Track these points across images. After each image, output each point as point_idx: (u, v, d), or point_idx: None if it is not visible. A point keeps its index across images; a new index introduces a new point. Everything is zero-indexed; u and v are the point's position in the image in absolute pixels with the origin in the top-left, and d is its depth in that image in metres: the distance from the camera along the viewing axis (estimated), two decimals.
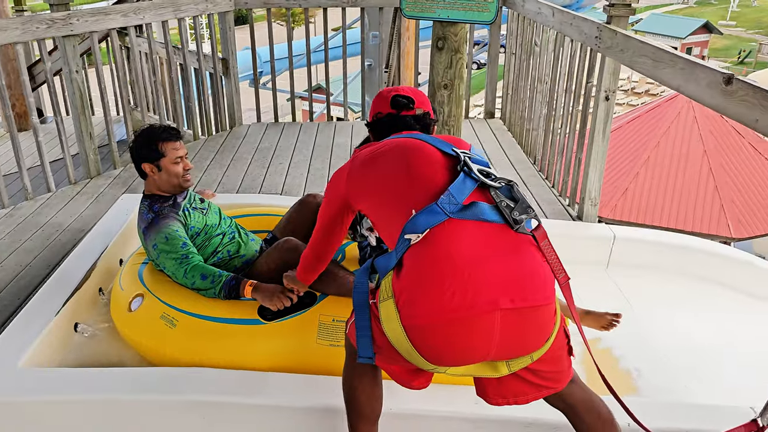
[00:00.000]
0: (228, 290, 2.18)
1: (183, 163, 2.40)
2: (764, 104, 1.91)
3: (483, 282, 1.38)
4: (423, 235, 1.43)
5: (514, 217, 1.46)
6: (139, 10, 3.98)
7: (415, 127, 1.84)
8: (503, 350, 1.41)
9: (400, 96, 1.88)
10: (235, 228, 2.56)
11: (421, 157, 1.58)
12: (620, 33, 2.86)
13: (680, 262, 3.22)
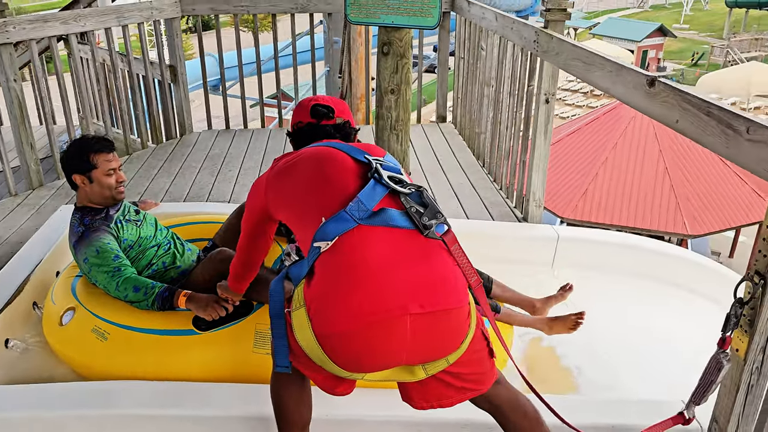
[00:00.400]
0: (161, 302, 2.15)
1: (116, 175, 2.36)
2: (683, 106, 1.96)
3: (392, 288, 1.39)
4: (332, 243, 1.44)
5: (424, 222, 1.48)
6: (80, 17, 3.91)
7: (335, 137, 1.85)
8: (417, 354, 1.43)
9: (320, 105, 1.89)
10: (171, 238, 2.53)
11: (332, 165, 1.59)
12: (555, 37, 2.91)
13: (623, 261, 3.29)
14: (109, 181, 2.34)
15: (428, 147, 4.74)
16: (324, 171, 1.59)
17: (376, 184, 1.52)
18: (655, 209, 13.19)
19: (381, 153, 1.69)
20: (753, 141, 1.67)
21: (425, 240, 1.47)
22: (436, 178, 4.15)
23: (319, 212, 1.51)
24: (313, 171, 1.60)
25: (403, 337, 1.38)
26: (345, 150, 1.64)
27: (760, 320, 1.75)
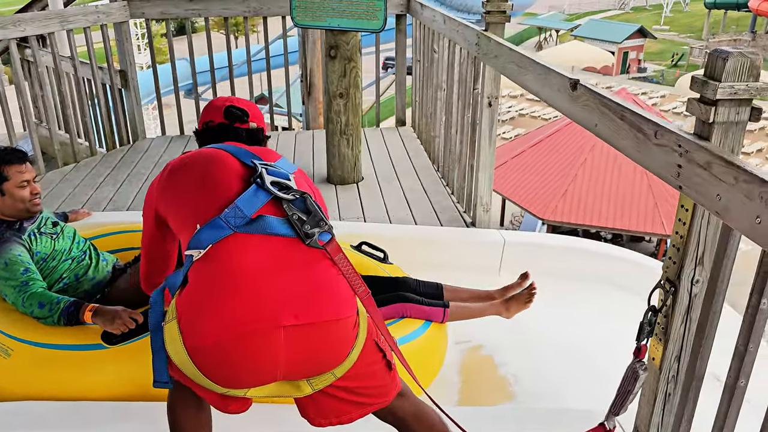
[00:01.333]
0: (67, 317, 2.06)
1: (30, 187, 2.27)
2: (601, 109, 1.92)
3: (265, 298, 1.33)
4: (205, 251, 1.38)
5: (305, 230, 1.42)
6: (20, 22, 3.81)
7: (245, 142, 1.77)
8: (296, 368, 1.37)
9: (235, 107, 1.82)
10: (87, 250, 2.45)
11: (217, 169, 1.53)
12: (494, 40, 2.87)
13: (570, 265, 3.25)
14: (22, 193, 2.25)
15: (384, 151, 4.69)
16: (208, 174, 1.52)
17: (258, 189, 1.46)
18: (634, 209, 13.25)
19: (274, 157, 1.63)
20: (660, 145, 1.63)
21: (306, 249, 1.42)
22: (388, 183, 4.10)
23: (196, 218, 1.45)
24: (197, 174, 1.54)
25: (277, 350, 1.32)
26: (234, 152, 1.57)
27: (673, 328, 1.71)
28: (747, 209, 1.34)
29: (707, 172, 1.46)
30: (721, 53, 1.46)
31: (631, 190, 13.54)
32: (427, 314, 2.43)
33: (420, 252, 3.27)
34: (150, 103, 13.40)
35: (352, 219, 3.61)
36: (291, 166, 1.66)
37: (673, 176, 1.59)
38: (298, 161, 4.48)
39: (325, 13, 3.66)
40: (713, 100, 1.47)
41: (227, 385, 1.37)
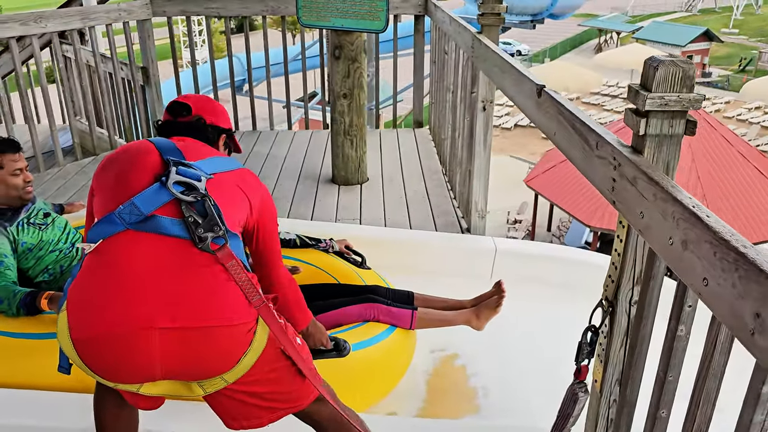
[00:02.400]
0: (26, 307, 2.12)
1: (23, 175, 2.35)
2: (559, 118, 1.85)
3: (144, 298, 1.33)
4: (96, 245, 1.39)
5: (198, 234, 1.40)
6: (41, 18, 3.96)
7: (186, 134, 1.75)
8: (175, 369, 1.36)
9: (176, 102, 1.82)
10: (76, 242, 2.51)
11: (133, 163, 1.52)
12: (483, 43, 2.80)
13: (562, 276, 3.14)
14: (15, 181, 2.32)
15: (396, 153, 4.65)
16: (124, 169, 1.52)
17: (161, 188, 1.45)
18: None
19: (203, 155, 1.61)
20: (600, 157, 1.55)
21: (197, 252, 1.40)
22: (392, 185, 4.06)
23: (101, 212, 1.47)
24: (118, 168, 1.54)
25: (152, 351, 1.32)
26: (160, 147, 1.57)
27: (612, 350, 1.63)
28: (662, 228, 1.26)
29: (634, 188, 1.38)
30: (653, 61, 1.37)
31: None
32: (394, 317, 2.39)
33: (408, 256, 3.23)
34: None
35: (348, 221, 3.59)
36: (222, 165, 1.62)
37: (609, 190, 1.52)
38: (307, 161, 4.50)
39: (330, 13, 3.66)
40: (644, 111, 1.38)
41: (112, 379, 1.38)
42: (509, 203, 17.33)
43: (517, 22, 10.20)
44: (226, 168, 1.64)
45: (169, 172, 1.47)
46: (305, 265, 2.74)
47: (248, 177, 1.69)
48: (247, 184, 1.66)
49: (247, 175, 1.69)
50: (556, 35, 40.74)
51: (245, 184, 1.65)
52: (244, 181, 1.66)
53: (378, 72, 5.23)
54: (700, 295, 1.12)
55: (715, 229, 1.09)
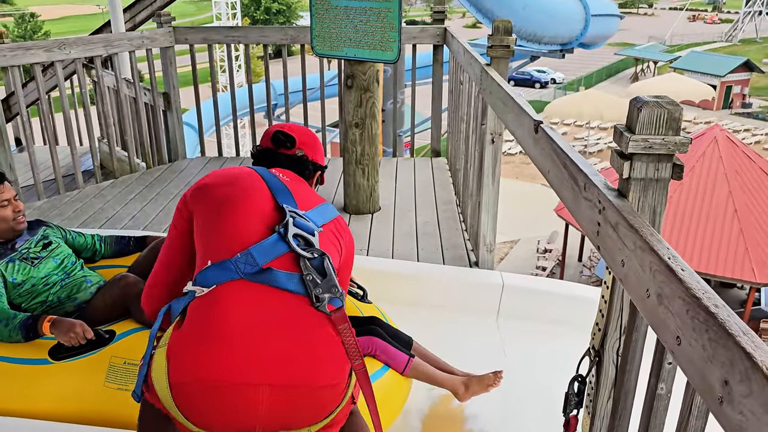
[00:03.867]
0: (25, 330, 2.11)
1: (12, 206, 2.34)
2: (552, 156, 1.79)
3: (257, 353, 1.31)
4: (209, 290, 1.37)
5: (317, 293, 1.39)
6: (65, 45, 4.07)
7: (287, 167, 1.76)
8: (272, 424, 1.34)
9: (282, 133, 1.82)
10: (73, 271, 2.49)
11: (246, 204, 1.51)
12: (489, 75, 2.75)
13: (572, 314, 3.03)
14: (3, 213, 2.31)
15: (411, 182, 4.61)
16: (234, 206, 1.50)
17: (279, 240, 1.43)
18: (722, 253, 12.37)
19: (313, 203, 1.60)
20: (587, 199, 1.49)
21: (312, 312, 1.39)
22: (403, 215, 4.02)
23: (210, 252, 1.45)
24: (225, 202, 1.52)
25: (257, 408, 1.29)
26: (272, 189, 1.55)
27: (599, 402, 1.54)
28: (640, 279, 1.19)
29: (616, 234, 1.32)
30: (637, 102, 1.31)
31: (720, 233, 12.70)
32: (390, 356, 2.33)
33: (413, 290, 3.17)
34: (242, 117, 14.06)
35: (355, 251, 3.54)
36: (327, 214, 1.62)
37: (594, 234, 1.45)
38: (322, 188, 4.48)
39: (342, 43, 3.67)
40: (628, 154, 1.32)
41: (202, 426, 1.35)
42: (540, 232, 17.10)
43: (546, 51, 10.14)
44: (329, 218, 1.64)
45: (287, 223, 1.45)
46: None
47: (341, 225, 1.69)
48: (341, 234, 1.67)
49: (343, 224, 1.70)
50: (592, 64, 40.47)
51: (340, 234, 1.66)
52: (339, 231, 1.66)
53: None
54: (674, 354, 1.05)
55: (687, 284, 1.02)
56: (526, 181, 22.37)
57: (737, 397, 0.85)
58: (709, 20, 61.83)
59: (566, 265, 15.47)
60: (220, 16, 29.64)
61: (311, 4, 3.75)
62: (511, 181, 21.81)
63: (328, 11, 3.68)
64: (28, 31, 42.22)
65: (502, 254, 16.40)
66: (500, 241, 16.71)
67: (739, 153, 13.71)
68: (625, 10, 53.16)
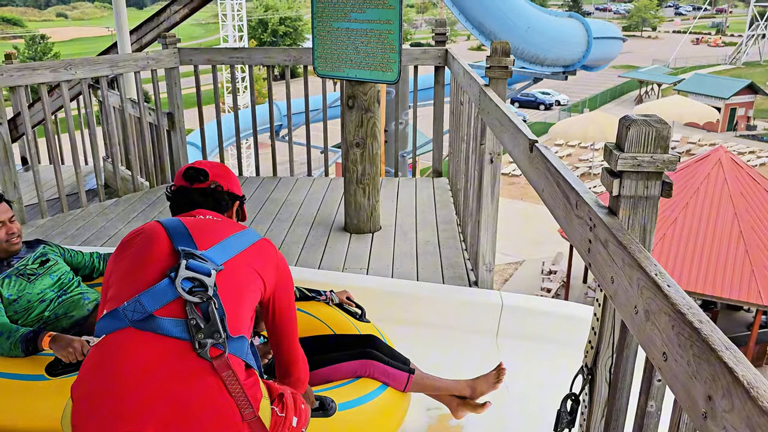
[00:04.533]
0: (25, 344, 2.12)
1: (6, 227, 2.37)
2: (546, 174, 1.80)
3: (136, 401, 1.31)
4: (99, 339, 1.39)
5: (199, 339, 1.37)
6: (71, 65, 4.13)
7: (201, 203, 1.74)
8: None
9: (193, 168, 1.79)
10: (69, 287, 2.50)
11: (145, 251, 1.51)
12: (487, 95, 2.78)
13: (570, 334, 3.02)
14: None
15: (412, 202, 4.63)
16: (134, 258, 1.51)
17: (170, 284, 1.42)
18: (727, 275, 12.30)
19: (219, 237, 1.56)
20: (578, 217, 1.50)
21: (195, 358, 1.37)
22: (403, 234, 4.03)
23: (106, 302, 1.47)
24: (129, 256, 1.53)
25: None
26: (169, 232, 1.54)
27: (593, 420, 1.53)
28: (628, 296, 1.20)
29: (606, 251, 1.32)
30: (626, 120, 1.33)
31: (726, 255, 12.64)
32: (390, 377, 2.31)
33: (412, 308, 3.17)
34: (246, 138, 14.16)
35: (355, 270, 3.56)
36: (236, 246, 1.58)
37: (585, 252, 1.45)
38: (323, 208, 4.51)
39: (343, 63, 3.71)
40: (617, 172, 1.33)
41: None
42: (544, 253, 17.05)
43: (549, 73, 10.22)
44: (241, 247, 1.59)
45: (178, 266, 1.44)
46: (304, 314, 2.70)
47: (265, 250, 1.64)
48: (263, 261, 1.62)
49: (264, 249, 1.64)
50: (596, 86, 40.67)
51: (260, 261, 1.61)
52: (260, 257, 1.62)
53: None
54: (660, 371, 1.05)
55: (673, 300, 1.02)
56: (531, 201, 22.40)
57: (720, 412, 0.85)
58: (713, 43, 62.12)
59: (571, 287, 15.40)
60: (227, 38, 30.00)
61: (313, 26, 3.81)
62: (516, 201, 21.82)
63: (329, 33, 3.73)
64: (38, 52, 42.80)
65: (507, 275, 16.35)
66: (505, 262, 16.66)
67: (744, 175, 13.68)
68: (628, 33, 53.55)
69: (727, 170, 14.11)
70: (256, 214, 4.38)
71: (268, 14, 49.70)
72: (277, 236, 4.01)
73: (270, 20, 49.06)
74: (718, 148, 17.92)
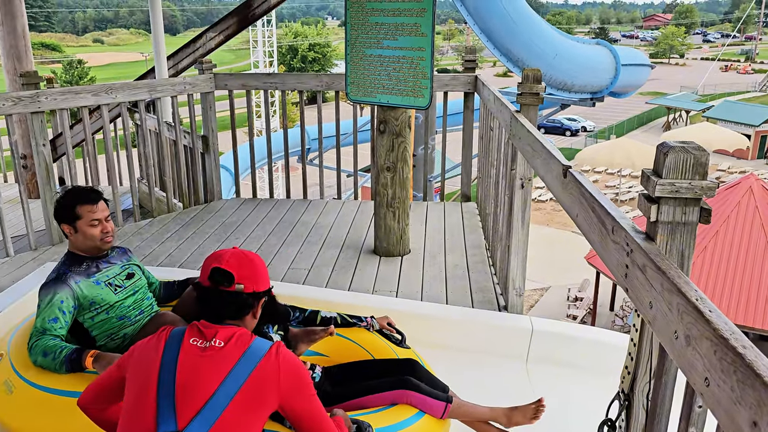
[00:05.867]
0: (70, 363, 2.16)
1: (101, 226, 2.39)
2: (581, 200, 1.82)
3: None
4: None
5: None
6: (111, 90, 4.27)
7: (223, 315, 1.73)
8: None
9: (218, 271, 1.73)
10: (146, 308, 2.54)
11: (135, 415, 1.58)
12: (518, 121, 2.81)
13: (603, 361, 2.99)
14: (92, 231, 2.37)
15: (441, 226, 4.65)
16: (130, 413, 1.60)
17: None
18: (760, 305, 12.02)
19: (205, 395, 1.56)
20: (615, 242, 1.51)
21: None
22: (432, 258, 4.04)
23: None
24: (130, 400, 1.62)
25: None
26: (160, 393, 1.57)
27: None
28: (668, 321, 1.20)
29: (644, 276, 1.33)
30: (664, 147, 1.35)
31: (759, 284, 12.37)
32: (426, 406, 2.30)
33: (441, 332, 3.17)
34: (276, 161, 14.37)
35: (385, 292, 3.58)
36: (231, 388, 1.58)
37: (622, 277, 1.46)
38: (352, 231, 4.56)
39: (376, 89, 3.78)
40: (655, 198, 1.35)
41: None
42: (571, 280, 16.86)
43: (576, 99, 10.22)
44: (231, 396, 1.58)
45: None
46: (344, 340, 2.72)
47: (262, 378, 1.62)
48: (258, 392, 1.61)
49: (261, 377, 1.62)
50: (624, 112, 40.45)
51: (255, 394, 1.61)
52: (255, 391, 1.61)
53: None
54: (702, 396, 1.05)
55: (715, 325, 1.03)
56: (557, 227, 22.21)
57: None
58: (742, 70, 61.50)
59: (598, 314, 15.17)
60: (258, 63, 30.57)
61: (346, 53, 3.89)
62: (542, 227, 21.66)
63: (362, 59, 3.81)
64: (75, 76, 44.07)
65: (533, 301, 16.18)
66: (531, 288, 16.49)
67: None
68: (656, 60, 53.26)
69: (758, 197, 13.87)
70: (287, 236, 4.44)
71: (297, 41, 50.61)
72: (307, 259, 4.05)
73: (300, 46, 49.93)
74: (749, 176, 17.64)
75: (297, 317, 2.63)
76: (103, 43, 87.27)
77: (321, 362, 2.65)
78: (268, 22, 30.49)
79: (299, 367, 1.70)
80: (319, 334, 2.42)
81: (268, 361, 1.64)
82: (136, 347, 1.70)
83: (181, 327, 1.72)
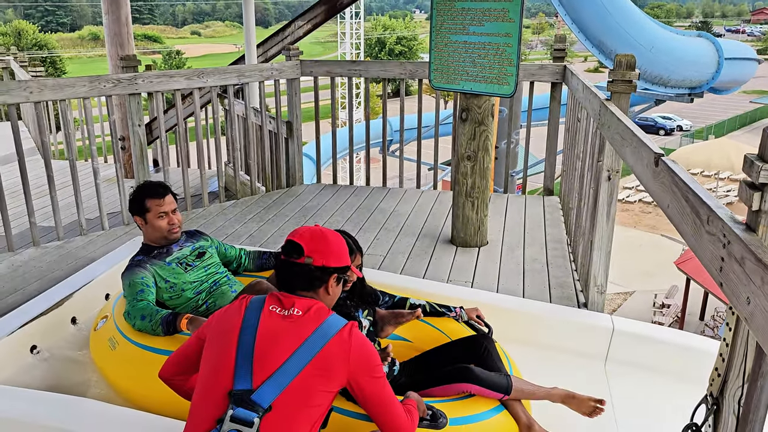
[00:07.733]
0: (165, 325, 2.31)
1: (168, 218, 2.58)
2: (673, 189, 1.71)
3: None
4: None
5: None
6: (203, 74, 4.42)
7: (295, 286, 1.76)
8: None
9: (290, 243, 1.79)
10: (221, 279, 2.68)
11: (212, 378, 1.64)
12: (608, 109, 2.68)
13: (684, 365, 2.82)
14: (160, 223, 2.57)
15: (521, 219, 4.53)
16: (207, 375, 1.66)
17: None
18: None
19: (280, 359, 1.61)
20: (710, 233, 1.40)
21: None
22: (510, 251, 3.94)
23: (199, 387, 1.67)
24: (210, 361, 1.68)
25: None
26: (239, 352, 1.63)
27: None
28: (767, 318, 1.10)
29: (741, 269, 1.23)
30: None
31: None
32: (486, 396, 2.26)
33: (516, 326, 3.08)
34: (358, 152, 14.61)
35: (460, 282, 3.52)
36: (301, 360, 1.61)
37: (717, 270, 1.36)
38: (430, 220, 4.52)
39: (459, 76, 3.72)
40: (758, 185, 1.24)
41: None
42: (657, 285, 16.11)
43: (673, 94, 9.67)
44: (302, 365, 1.61)
45: (223, 418, 1.55)
46: (430, 327, 2.70)
47: (333, 353, 1.64)
48: (327, 366, 1.63)
49: (332, 352, 1.64)
50: (723, 111, 38.17)
51: (323, 368, 1.63)
52: (324, 364, 1.63)
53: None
54: None
55: None
56: (645, 230, 21.26)
57: None
58: None
59: (686, 323, 14.41)
60: (345, 56, 30.99)
61: (431, 39, 3.85)
62: (628, 229, 20.80)
63: (447, 45, 3.76)
64: (173, 66, 46.41)
65: (615, 305, 15.58)
66: (614, 292, 15.89)
67: None
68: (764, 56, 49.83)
69: None
70: (365, 222, 4.46)
71: (385, 34, 50.90)
72: (383, 245, 4.06)
73: (387, 39, 50.20)
74: None
75: (386, 302, 2.64)
76: (200, 35, 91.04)
77: (404, 347, 2.66)
78: (356, 15, 30.82)
79: (370, 349, 1.72)
80: (406, 317, 2.42)
81: (340, 338, 1.66)
82: (215, 316, 1.78)
83: (262, 296, 1.79)
